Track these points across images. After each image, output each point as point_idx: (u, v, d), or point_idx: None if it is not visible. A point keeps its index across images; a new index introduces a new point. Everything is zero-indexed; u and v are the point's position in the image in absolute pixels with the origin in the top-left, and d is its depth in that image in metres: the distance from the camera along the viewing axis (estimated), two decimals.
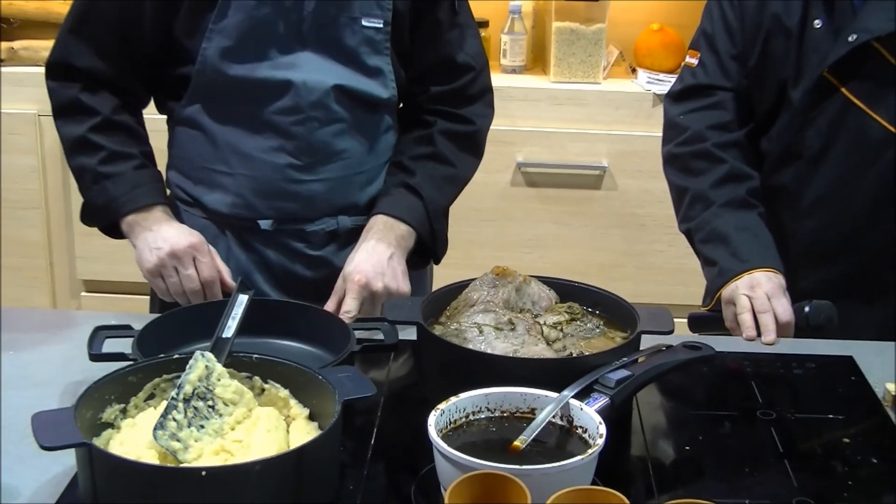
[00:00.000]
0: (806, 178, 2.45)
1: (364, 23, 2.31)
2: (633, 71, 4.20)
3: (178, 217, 2.41)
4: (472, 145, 2.53)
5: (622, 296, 2.10)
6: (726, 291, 2.33)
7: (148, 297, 2.57)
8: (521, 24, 4.15)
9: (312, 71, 2.30)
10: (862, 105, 2.36)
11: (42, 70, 3.91)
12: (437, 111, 2.48)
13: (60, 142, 2.42)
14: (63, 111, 2.38)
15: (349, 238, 2.40)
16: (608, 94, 4.00)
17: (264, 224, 2.36)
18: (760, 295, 2.26)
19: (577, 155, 3.95)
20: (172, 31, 2.30)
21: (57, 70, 2.38)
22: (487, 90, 2.53)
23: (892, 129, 2.34)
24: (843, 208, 2.43)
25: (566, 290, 2.14)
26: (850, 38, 2.32)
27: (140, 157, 2.37)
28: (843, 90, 2.37)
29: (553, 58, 4.04)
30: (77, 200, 3.93)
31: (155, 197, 2.34)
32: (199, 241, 2.28)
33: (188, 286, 2.26)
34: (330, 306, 2.24)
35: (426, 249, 2.44)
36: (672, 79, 3.92)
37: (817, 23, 2.37)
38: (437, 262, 2.53)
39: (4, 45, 4.09)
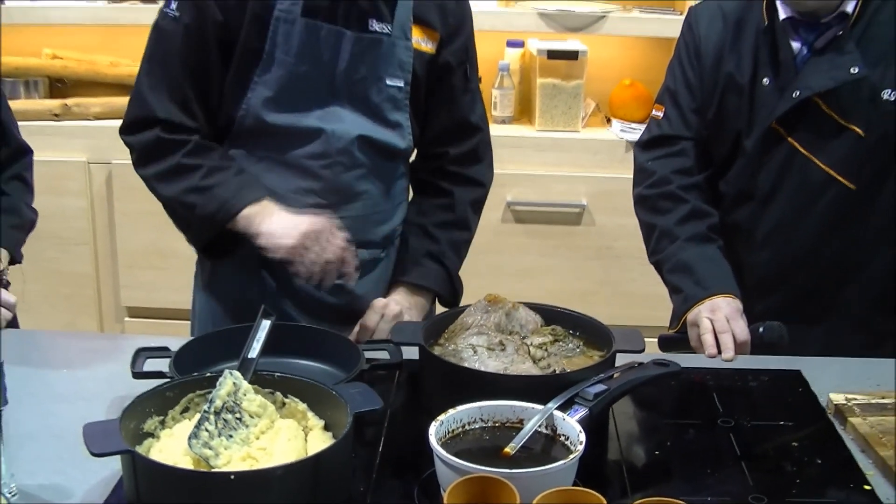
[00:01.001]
0: (758, 216, 2.47)
1: (388, 82, 2.32)
2: (608, 121, 4.19)
3: (217, 252, 2.40)
4: (481, 207, 2.55)
5: (599, 319, 2.11)
6: (691, 315, 2.34)
7: (182, 322, 2.56)
8: (510, 79, 4.15)
9: (340, 122, 2.30)
10: (805, 152, 2.38)
11: (91, 124, 3.98)
12: (454, 175, 2.49)
13: (149, 185, 2.31)
14: (148, 153, 2.30)
15: (367, 268, 2.39)
16: (586, 142, 4.01)
17: None
18: (720, 318, 2.27)
19: (560, 195, 3.96)
20: (225, 81, 2.29)
21: (135, 125, 2.31)
22: (490, 149, 2.55)
23: (831, 172, 2.37)
24: (791, 242, 2.45)
25: (550, 315, 2.15)
26: (794, 94, 2.35)
27: (236, 166, 2.30)
28: (790, 139, 2.39)
29: (538, 109, 4.05)
30: (122, 238, 3.99)
31: (262, 191, 2.25)
32: (330, 222, 2.20)
33: (326, 257, 2.19)
34: (353, 336, 2.25)
35: (446, 303, 2.44)
36: (642, 128, 3.94)
37: (765, 80, 2.40)
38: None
39: (59, 102, 4.10)
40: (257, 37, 2.24)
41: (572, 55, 4.00)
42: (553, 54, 4.00)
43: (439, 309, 2.42)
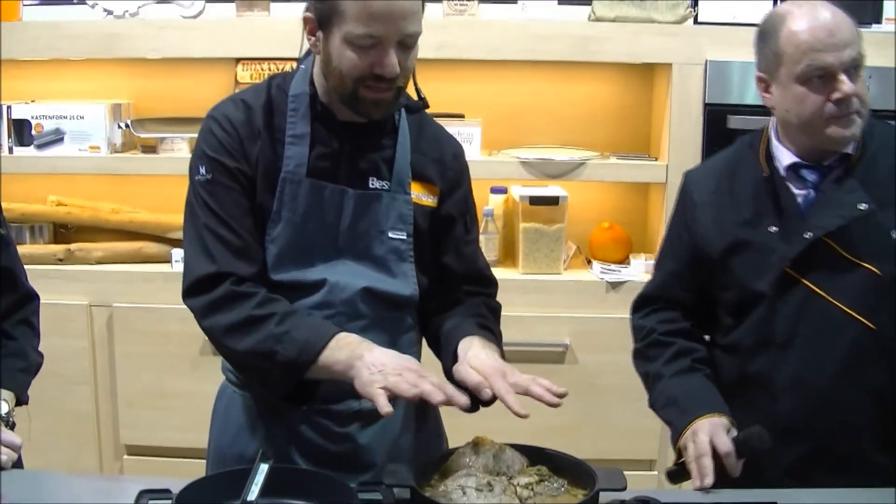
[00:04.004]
0: (777, 363, 2.41)
1: (391, 235, 2.36)
2: (589, 262, 4.25)
3: (229, 398, 2.41)
4: (500, 318, 2.54)
5: (583, 454, 2.12)
6: (680, 443, 2.37)
7: (179, 460, 2.55)
8: (494, 224, 4.21)
9: (345, 274, 2.33)
10: (822, 293, 2.34)
11: (93, 268, 4.02)
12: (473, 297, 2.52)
13: (218, 341, 2.25)
14: (217, 306, 2.24)
15: (371, 418, 2.38)
16: (568, 283, 4.06)
17: None
18: (701, 440, 2.29)
19: (544, 335, 3.99)
20: None
21: (201, 284, 2.26)
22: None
23: (850, 312, 2.32)
24: (812, 388, 2.37)
25: (536, 455, 2.16)
26: (805, 236, 2.34)
27: (305, 310, 2.27)
28: (804, 281, 2.36)
29: (521, 253, 4.11)
30: (122, 378, 4.01)
31: (335, 329, 2.21)
32: (412, 363, 2.15)
33: (414, 381, 2.07)
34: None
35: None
36: (622, 269, 4.01)
37: (772, 228, 2.40)
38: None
39: (62, 247, 4.16)
40: (267, 196, 2.30)
41: (553, 201, 4.09)
42: (535, 200, 4.08)
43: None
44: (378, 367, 2.11)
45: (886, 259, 2.33)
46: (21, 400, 2.48)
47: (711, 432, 2.29)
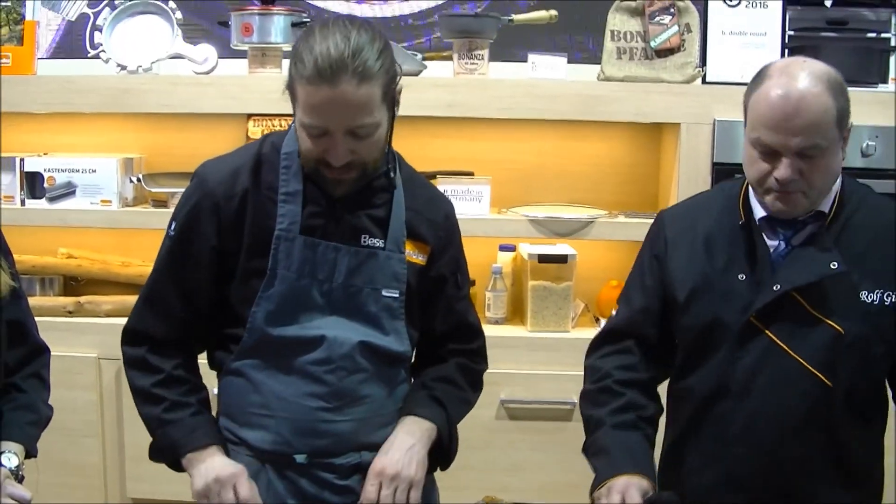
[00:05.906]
0: (733, 411, 2.42)
1: (384, 293, 2.41)
2: (597, 320, 4.25)
3: (227, 453, 2.43)
4: (477, 381, 2.63)
5: None
6: (594, 495, 2.38)
7: None
8: (503, 282, 4.22)
9: (341, 329, 2.38)
10: (783, 345, 2.36)
11: (102, 321, 4.03)
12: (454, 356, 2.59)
13: (130, 390, 2.49)
14: (133, 366, 2.47)
15: None
16: (576, 341, 4.01)
17: (299, 458, 2.38)
18: (612, 496, 2.31)
19: (551, 392, 3.97)
20: (228, 299, 2.39)
21: (130, 334, 2.48)
22: (485, 348, 2.66)
23: (807, 365, 2.33)
24: (764, 439, 2.39)
25: None
26: (774, 288, 2.35)
27: (196, 405, 2.43)
28: (767, 332, 2.37)
29: (529, 311, 4.12)
30: (129, 431, 4.00)
31: (209, 438, 2.38)
32: (240, 471, 2.32)
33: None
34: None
35: (440, 452, 2.46)
36: None
37: (741, 276, 2.41)
38: (445, 468, 2.55)
39: (72, 299, 4.19)
40: (258, 257, 2.35)
41: (562, 259, 4.10)
42: (543, 258, 4.09)
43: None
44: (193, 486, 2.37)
45: (851, 319, 2.34)
46: (30, 453, 2.49)
47: (624, 489, 2.32)
